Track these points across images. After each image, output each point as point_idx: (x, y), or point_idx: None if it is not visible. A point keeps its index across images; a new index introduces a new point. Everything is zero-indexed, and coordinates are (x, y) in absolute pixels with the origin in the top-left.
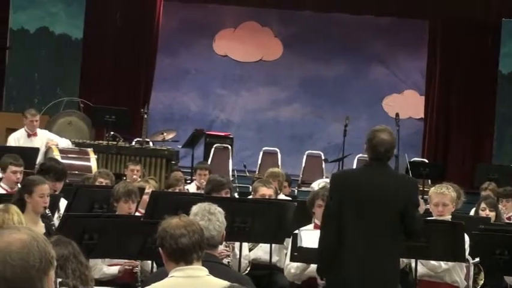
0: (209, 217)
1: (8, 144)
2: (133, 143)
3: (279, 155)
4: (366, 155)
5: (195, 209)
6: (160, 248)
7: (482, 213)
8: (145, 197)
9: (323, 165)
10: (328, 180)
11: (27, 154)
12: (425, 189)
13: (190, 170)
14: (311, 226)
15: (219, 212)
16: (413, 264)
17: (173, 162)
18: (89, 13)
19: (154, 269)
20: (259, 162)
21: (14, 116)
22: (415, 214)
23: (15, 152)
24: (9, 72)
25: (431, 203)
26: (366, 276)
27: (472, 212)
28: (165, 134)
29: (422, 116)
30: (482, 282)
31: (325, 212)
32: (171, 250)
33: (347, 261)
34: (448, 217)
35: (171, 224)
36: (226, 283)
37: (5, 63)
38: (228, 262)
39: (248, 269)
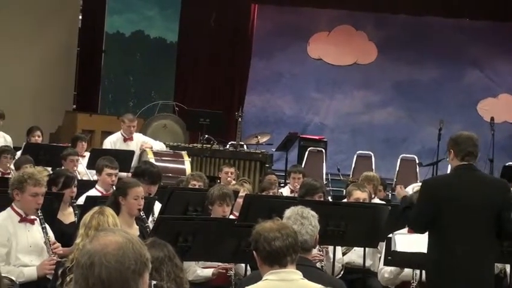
0: (302, 221)
1: (103, 147)
2: (228, 146)
3: (373, 159)
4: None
5: (288, 212)
6: (254, 251)
7: None
8: (240, 200)
9: (417, 169)
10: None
11: (122, 157)
12: None
13: (284, 174)
14: (405, 230)
15: (311, 215)
16: (508, 269)
17: (267, 165)
18: (184, 17)
19: (248, 272)
20: (353, 165)
21: (109, 118)
22: (510, 217)
23: (111, 155)
24: (104, 76)
25: None
26: (462, 279)
27: None
28: (259, 137)
29: None
30: None
31: (413, 216)
32: (265, 253)
33: (444, 266)
34: None
35: (265, 227)
36: (320, 287)
37: (100, 66)
38: (322, 266)
39: (342, 272)
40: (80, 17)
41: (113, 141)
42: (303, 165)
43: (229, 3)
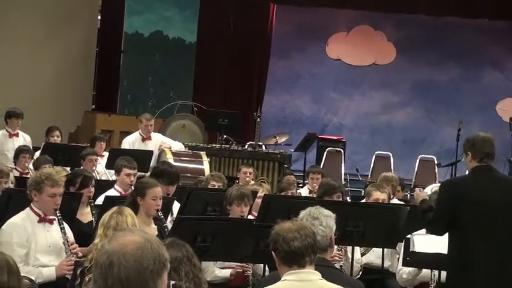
0: (312, 222)
1: (122, 147)
2: (246, 147)
3: (392, 159)
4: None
5: (301, 215)
6: (273, 252)
7: None
8: (258, 201)
9: (436, 170)
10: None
11: (141, 157)
12: None
13: (302, 174)
14: (423, 231)
15: (323, 215)
16: None
17: (286, 165)
18: (202, 17)
19: (267, 273)
20: (371, 166)
21: (128, 119)
22: None
23: (129, 155)
24: (123, 76)
25: None
26: (483, 279)
27: None
28: (277, 137)
29: None
30: None
31: (431, 221)
32: (284, 253)
33: (464, 267)
34: None
35: (284, 228)
36: (338, 287)
37: (119, 66)
38: (341, 266)
39: (360, 273)
40: (99, 18)
41: (131, 141)
42: (321, 166)
43: (248, 3)
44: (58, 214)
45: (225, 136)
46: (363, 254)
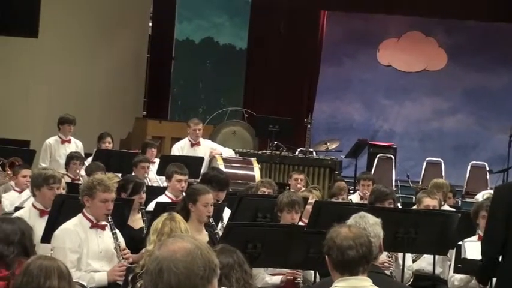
0: None
1: (172, 154)
2: (297, 153)
3: (443, 166)
4: None
5: (348, 223)
6: (326, 256)
7: None
8: (308, 207)
9: (487, 176)
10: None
11: (191, 163)
12: None
13: (353, 180)
14: (475, 237)
15: (370, 225)
16: None
17: (336, 172)
18: (253, 24)
19: (317, 279)
20: (422, 172)
21: (179, 125)
22: None
23: (180, 161)
24: (174, 82)
25: None
26: None
27: None
28: (328, 143)
29: None
30: None
31: (488, 227)
32: (337, 261)
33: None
34: None
35: (340, 234)
36: None
37: (170, 73)
38: (391, 272)
39: (411, 280)
40: (150, 24)
41: (180, 147)
42: (372, 172)
43: (299, 10)
44: (110, 220)
45: (275, 142)
46: (414, 261)
